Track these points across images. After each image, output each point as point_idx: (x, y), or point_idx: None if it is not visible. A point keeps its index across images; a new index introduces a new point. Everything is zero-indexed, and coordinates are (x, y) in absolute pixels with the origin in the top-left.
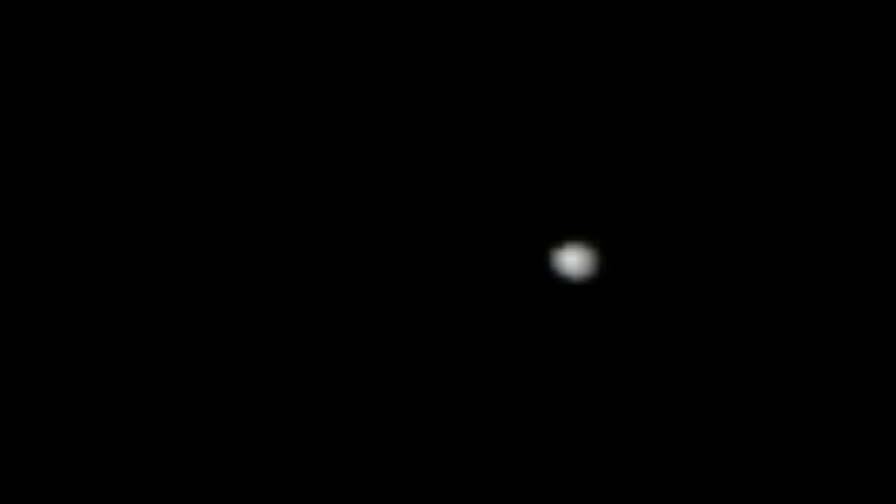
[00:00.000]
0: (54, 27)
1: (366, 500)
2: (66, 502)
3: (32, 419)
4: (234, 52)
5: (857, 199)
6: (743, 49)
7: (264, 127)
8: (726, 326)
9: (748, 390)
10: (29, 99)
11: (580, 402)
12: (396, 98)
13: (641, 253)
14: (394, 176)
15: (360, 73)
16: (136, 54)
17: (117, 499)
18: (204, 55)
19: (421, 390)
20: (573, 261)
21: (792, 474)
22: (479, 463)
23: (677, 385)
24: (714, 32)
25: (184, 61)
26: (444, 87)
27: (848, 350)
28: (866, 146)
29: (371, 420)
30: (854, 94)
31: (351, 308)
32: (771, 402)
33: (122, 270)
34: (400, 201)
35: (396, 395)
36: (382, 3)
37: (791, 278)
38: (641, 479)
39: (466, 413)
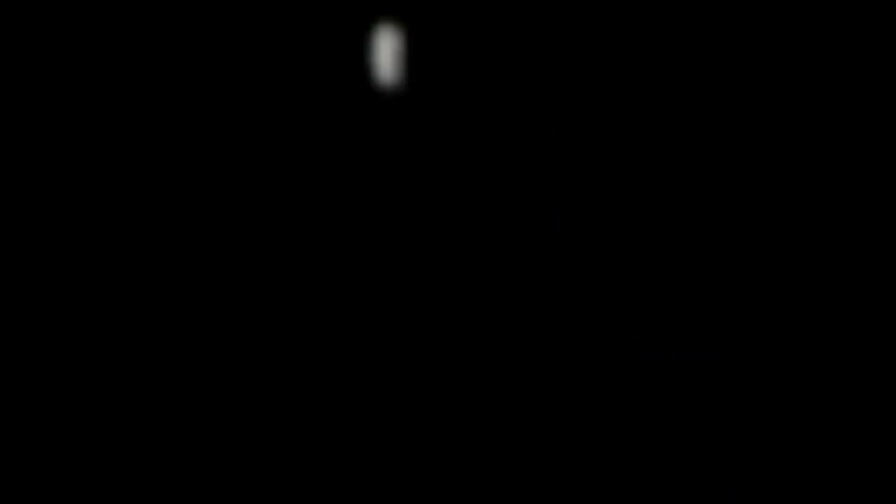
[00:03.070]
0: (54, 27)
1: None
2: (65, 502)
3: (32, 419)
4: (233, 52)
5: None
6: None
7: (251, 122)
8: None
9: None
10: (29, 99)
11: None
12: None
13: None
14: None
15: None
16: (137, 54)
17: (117, 499)
18: (204, 55)
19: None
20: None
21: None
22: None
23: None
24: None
25: (184, 61)
26: None
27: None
28: (855, 145)
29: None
30: (852, 94)
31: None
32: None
33: (123, 270)
34: None
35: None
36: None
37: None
38: None
39: None
